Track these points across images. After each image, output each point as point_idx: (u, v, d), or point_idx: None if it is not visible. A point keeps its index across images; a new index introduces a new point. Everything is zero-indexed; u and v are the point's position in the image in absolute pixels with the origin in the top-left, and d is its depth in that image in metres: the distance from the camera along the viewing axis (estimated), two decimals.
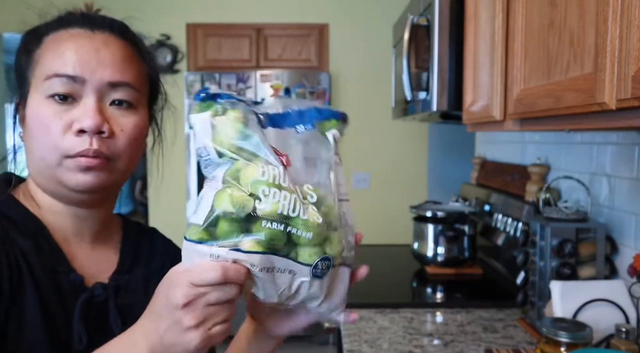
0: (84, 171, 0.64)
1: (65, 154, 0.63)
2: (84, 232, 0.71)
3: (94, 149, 0.63)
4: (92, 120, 0.63)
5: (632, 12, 0.63)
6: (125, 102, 0.67)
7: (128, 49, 0.69)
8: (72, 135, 0.63)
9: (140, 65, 0.71)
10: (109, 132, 0.65)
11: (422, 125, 3.53)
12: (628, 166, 1.27)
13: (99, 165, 0.64)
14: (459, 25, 1.47)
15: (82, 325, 0.63)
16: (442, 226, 1.87)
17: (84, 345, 0.62)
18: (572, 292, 1.20)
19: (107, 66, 0.66)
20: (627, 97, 0.64)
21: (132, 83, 0.67)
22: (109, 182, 0.67)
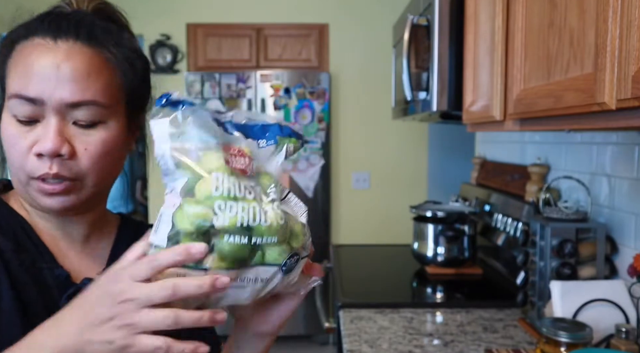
0: (49, 196, 0.63)
1: (29, 176, 0.63)
2: (73, 235, 0.70)
3: (53, 172, 0.61)
4: (50, 144, 0.61)
5: (632, 12, 0.63)
6: (89, 122, 0.64)
7: (94, 59, 0.64)
8: (33, 156, 0.62)
9: (109, 75, 0.65)
10: (69, 153, 0.62)
11: (422, 125, 3.53)
12: (628, 166, 1.27)
13: (63, 190, 0.63)
14: (459, 25, 1.47)
15: None
16: (442, 226, 1.87)
17: None
18: (572, 292, 1.20)
19: (67, 84, 0.62)
20: (627, 97, 0.64)
21: (96, 100, 0.63)
22: (80, 201, 0.65)
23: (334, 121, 3.54)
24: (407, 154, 3.59)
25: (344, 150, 3.61)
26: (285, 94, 3.33)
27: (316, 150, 3.39)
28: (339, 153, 3.60)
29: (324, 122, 3.37)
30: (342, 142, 3.60)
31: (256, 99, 3.33)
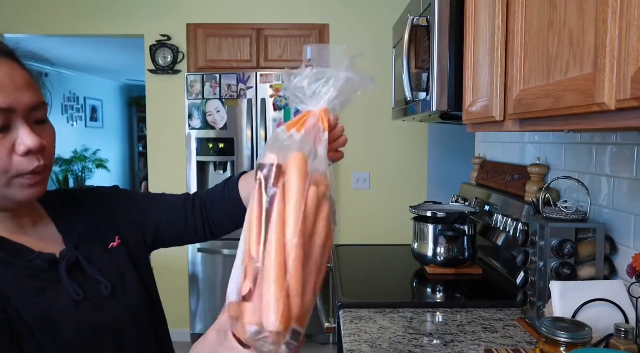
0: (32, 186, 0.74)
1: (16, 174, 0.72)
2: (26, 223, 0.80)
3: (42, 164, 0.73)
4: (35, 141, 0.71)
5: (631, 12, 0.63)
6: (43, 120, 0.76)
7: (21, 69, 0.74)
8: (19, 157, 0.71)
9: (34, 80, 0.76)
10: (45, 146, 0.74)
11: (422, 125, 3.53)
12: (627, 166, 1.27)
13: (43, 178, 0.75)
14: (458, 25, 1.48)
15: (73, 284, 0.76)
16: (442, 226, 1.87)
17: (81, 296, 0.76)
18: (571, 292, 1.20)
19: (24, 90, 0.72)
20: (626, 97, 0.64)
21: (44, 100, 0.75)
22: (46, 186, 0.78)
23: None
24: (407, 154, 3.59)
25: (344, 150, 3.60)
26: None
27: None
28: None
29: None
30: None
31: (256, 99, 3.33)
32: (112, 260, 0.85)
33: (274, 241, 0.52)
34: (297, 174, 0.54)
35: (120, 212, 0.94)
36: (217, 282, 3.42)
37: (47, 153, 0.75)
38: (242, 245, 0.55)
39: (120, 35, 3.55)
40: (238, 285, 0.55)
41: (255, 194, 0.55)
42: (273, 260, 0.51)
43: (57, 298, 0.74)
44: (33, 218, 0.82)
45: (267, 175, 0.54)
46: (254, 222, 0.54)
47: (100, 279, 0.80)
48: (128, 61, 5.77)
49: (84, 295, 0.77)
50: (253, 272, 0.53)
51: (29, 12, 3.44)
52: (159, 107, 3.54)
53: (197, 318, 3.44)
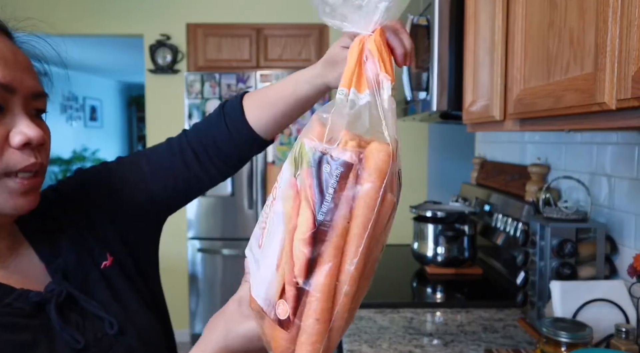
0: (23, 194, 0.58)
1: (4, 172, 0.57)
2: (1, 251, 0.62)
3: (39, 161, 0.59)
4: (36, 132, 0.57)
5: (632, 12, 0.63)
6: (42, 111, 0.63)
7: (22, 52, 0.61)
8: (14, 149, 0.57)
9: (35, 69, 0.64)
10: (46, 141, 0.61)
11: (422, 125, 3.53)
12: (628, 166, 1.27)
13: (36, 185, 0.60)
14: (459, 25, 1.47)
15: (68, 329, 0.60)
16: (442, 226, 1.87)
17: (82, 343, 0.60)
18: (572, 292, 1.20)
19: (28, 73, 0.59)
20: (627, 97, 0.64)
21: (44, 91, 0.63)
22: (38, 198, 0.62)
23: None
24: (407, 154, 3.59)
25: None
26: None
27: None
28: None
29: None
30: None
31: None
32: (110, 286, 0.68)
33: (329, 268, 0.42)
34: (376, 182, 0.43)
35: (101, 211, 0.73)
36: (217, 282, 3.42)
37: (44, 151, 0.61)
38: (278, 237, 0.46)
39: (120, 35, 3.54)
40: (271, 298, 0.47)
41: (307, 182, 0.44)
42: (321, 290, 0.42)
43: (57, 349, 0.58)
44: (10, 243, 0.63)
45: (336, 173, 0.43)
46: (303, 227, 0.43)
47: (103, 316, 0.64)
48: (128, 61, 5.77)
49: (86, 341, 0.60)
50: (294, 293, 0.44)
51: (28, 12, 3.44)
52: (159, 107, 3.54)
53: (197, 318, 3.44)
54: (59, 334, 0.59)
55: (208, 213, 3.39)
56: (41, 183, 0.62)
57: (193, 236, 3.40)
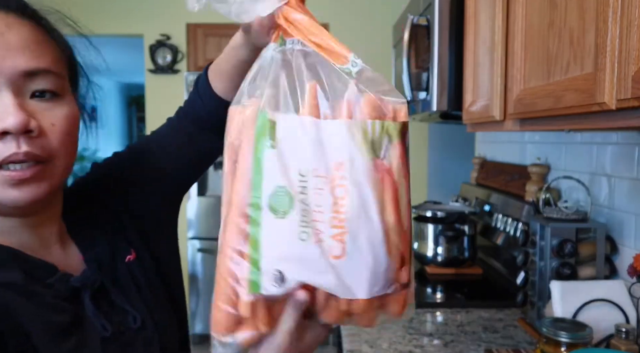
0: (16, 186, 0.53)
1: None
2: (50, 236, 0.63)
3: (23, 151, 0.52)
4: (15, 118, 0.51)
5: (632, 12, 0.63)
6: (49, 92, 0.56)
7: (35, 29, 0.57)
8: None
9: (54, 47, 0.59)
10: (38, 129, 0.54)
11: (422, 125, 3.53)
12: (628, 166, 1.27)
13: (34, 175, 0.54)
14: (459, 25, 1.47)
15: (99, 316, 0.61)
16: (442, 226, 1.87)
17: (110, 331, 0.61)
18: (572, 292, 1.20)
19: (19, 51, 0.53)
20: (627, 97, 0.64)
21: (52, 68, 0.56)
22: (50, 190, 0.57)
23: None
24: None
25: None
26: None
27: None
28: None
29: None
30: None
31: None
32: (133, 280, 0.69)
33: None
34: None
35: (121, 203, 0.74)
36: None
37: (45, 140, 0.55)
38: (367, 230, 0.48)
39: (120, 34, 3.54)
40: (390, 277, 0.50)
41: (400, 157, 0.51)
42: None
43: (84, 338, 0.59)
44: (57, 233, 0.65)
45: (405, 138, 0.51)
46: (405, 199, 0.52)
47: (128, 309, 0.64)
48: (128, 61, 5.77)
49: (112, 330, 0.62)
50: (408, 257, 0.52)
51: None
52: (159, 107, 3.54)
53: (197, 318, 3.44)
54: (89, 321, 0.60)
55: (208, 213, 3.39)
56: (42, 175, 0.55)
57: (193, 236, 3.40)
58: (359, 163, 0.47)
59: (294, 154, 0.48)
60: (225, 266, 0.50)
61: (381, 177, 0.48)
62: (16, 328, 0.54)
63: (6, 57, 0.53)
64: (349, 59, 0.52)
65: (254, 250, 0.48)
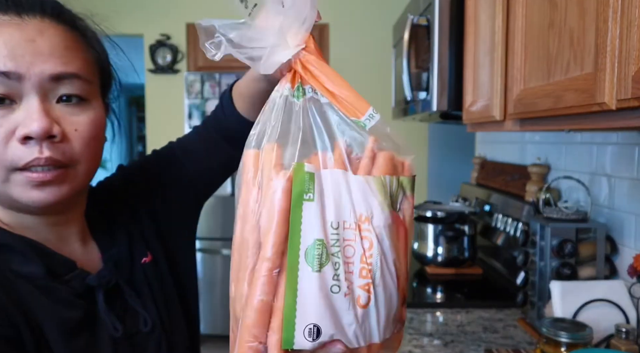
0: (38, 187, 0.55)
1: (11, 167, 0.54)
2: (72, 235, 0.65)
3: (45, 156, 0.54)
4: (38, 123, 0.53)
5: (632, 12, 0.63)
6: (75, 97, 0.58)
7: (68, 34, 0.58)
8: (17, 143, 0.54)
9: (85, 51, 0.60)
10: (61, 135, 0.55)
11: (422, 125, 3.53)
12: (628, 166, 1.27)
13: (55, 178, 0.56)
14: (459, 25, 1.47)
15: (111, 315, 0.62)
16: (442, 226, 1.87)
17: (120, 332, 0.62)
18: (572, 292, 1.20)
19: (47, 57, 0.55)
20: (627, 97, 0.64)
21: (79, 73, 0.58)
22: (71, 193, 0.59)
23: None
24: None
25: None
26: None
27: None
28: None
29: None
30: None
31: None
32: (148, 282, 0.70)
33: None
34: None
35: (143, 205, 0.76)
36: (217, 282, 3.42)
37: (68, 146, 0.56)
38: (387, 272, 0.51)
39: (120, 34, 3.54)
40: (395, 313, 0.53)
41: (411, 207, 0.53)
42: None
43: (95, 336, 0.61)
44: (79, 231, 0.66)
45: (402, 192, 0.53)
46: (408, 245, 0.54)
47: (140, 311, 0.66)
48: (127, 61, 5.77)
49: (123, 331, 0.62)
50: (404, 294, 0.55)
51: None
52: (159, 107, 3.54)
53: None
54: (101, 320, 0.61)
55: (208, 213, 3.39)
56: (62, 178, 0.57)
57: None
58: (380, 216, 0.50)
59: (328, 206, 0.49)
60: (251, 319, 0.49)
61: (397, 229, 0.52)
62: (32, 321, 0.55)
63: (35, 63, 0.54)
64: (366, 113, 0.52)
65: (290, 304, 0.48)
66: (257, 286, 0.49)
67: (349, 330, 0.49)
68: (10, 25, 0.55)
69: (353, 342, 0.49)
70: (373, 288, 0.49)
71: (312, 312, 0.48)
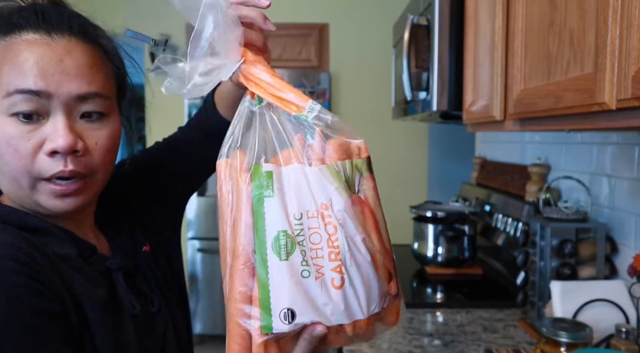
0: (60, 197, 0.61)
1: (38, 177, 0.60)
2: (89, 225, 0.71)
3: (69, 169, 0.60)
4: (64, 140, 0.58)
5: (632, 12, 0.63)
6: (96, 113, 0.63)
7: (92, 52, 0.64)
8: (44, 156, 0.59)
9: (106, 67, 0.66)
10: (83, 149, 0.61)
11: (422, 125, 3.53)
12: (628, 166, 1.27)
13: (77, 190, 0.62)
14: (459, 25, 1.47)
15: (130, 295, 0.67)
16: (442, 226, 1.87)
17: (138, 309, 0.67)
18: (572, 292, 1.20)
19: (73, 77, 0.60)
20: (627, 97, 0.64)
21: (101, 92, 0.63)
22: (89, 199, 0.65)
23: None
24: (407, 154, 3.59)
25: None
26: None
27: None
28: None
29: None
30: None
31: None
32: (151, 269, 0.76)
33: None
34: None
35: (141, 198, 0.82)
36: (216, 282, 3.42)
37: (89, 158, 0.62)
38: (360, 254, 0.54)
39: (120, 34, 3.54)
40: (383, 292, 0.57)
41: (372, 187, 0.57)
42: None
43: (120, 313, 0.66)
44: (91, 224, 0.73)
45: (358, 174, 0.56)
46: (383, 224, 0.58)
47: (148, 293, 0.71)
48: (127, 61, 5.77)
49: (140, 310, 0.68)
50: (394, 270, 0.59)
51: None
52: (159, 107, 3.54)
53: (196, 318, 3.44)
54: (120, 299, 0.66)
55: (208, 213, 3.39)
56: (88, 187, 0.63)
57: (193, 236, 3.40)
58: (339, 201, 0.54)
59: (290, 200, 0.54)
60: (236, 309, 0.54)
61: (360, 209, 0.55)
62: (74, 297, 0.60)
63: (62, 83, 0.59)
64: (306, 107, 0.57)
65: (263, 292, 0.53)
66: (235, 280, 0.54)
67: (325, 310, 0.52)
68: (41, 44, 0.59)
69: (332, 321, 0.53)
70: (345, 269, 0.53)
71: (285, 297, 0.52)
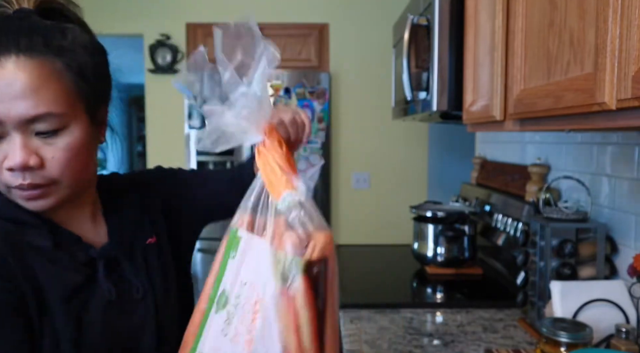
0: (29, 200, 0.67)
1: (7, 186, 0.67)
2: (85, 213, 0.77)
3: (27, 183, 0.65)
4: (17, 159, 0.64)
5: (632, 12, 0.63)
6: (50, 131, 0.65)
7: (40, 70, 0.64)
8: (6, 171, 0.65)
9: (58, 82, 0.65)
10: (39, 164, 0.65)
11: (422, 125, 3.53)
12: (628, 166, 1.27)
13: (41, 194, 0.67)
14: (459, 25, 1.47)
15: (107, 282, 0.72)
16: (442, 226, 1.87)
17: (114, 295, 0.72)
18: (572, 292, 1.20)
19: (21, 100, 0.62)
20: (627, 97, 0.64)
21: (52, 111, 0.64)
22: (62, 199, 0.70)
23: (334, 121, 3.54)
24: (407, 154, 3.59)
25: (344, 150, 3.60)
26: (286, 94, 3.33)
27: (316, 150, 3.39)
28: (339, 153, 3.60)
29: (324, 122, 3.37)
30: (342, 142, 3.60)
31: None
32: (146, 260, 0.80)
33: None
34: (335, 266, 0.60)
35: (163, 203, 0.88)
36: None
37: (46, 171, 0.66)
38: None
39: (120, 34, 3.54)
40: None
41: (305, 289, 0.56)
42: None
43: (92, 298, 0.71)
44: (93, 211, 0.78)
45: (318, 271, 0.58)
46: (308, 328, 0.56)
47: (133, 281, 0.76)
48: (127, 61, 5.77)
49: (117, 295, 0.73)
50: None
51: None
52: (159, 107, 3.54)
53: None
54: (99, 286, 0.72)
55: None
56: (52, 191, 0.68)
57: None
58: (270, 287, 0.56)
59: (246, 266, 0.59)
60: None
61: (285, 304, 0.56)
62: (36, 287, 0.65)
63: (12, 108, 0.62)
64: (280, 198, 0.60)
65: (198, 335, 0.61)
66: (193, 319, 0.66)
67: None
68: None
69: None
70: (254, 346, 0.56)
71: (208, 347, 0.60)
